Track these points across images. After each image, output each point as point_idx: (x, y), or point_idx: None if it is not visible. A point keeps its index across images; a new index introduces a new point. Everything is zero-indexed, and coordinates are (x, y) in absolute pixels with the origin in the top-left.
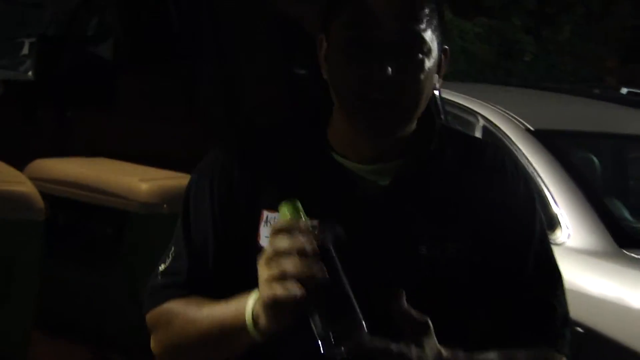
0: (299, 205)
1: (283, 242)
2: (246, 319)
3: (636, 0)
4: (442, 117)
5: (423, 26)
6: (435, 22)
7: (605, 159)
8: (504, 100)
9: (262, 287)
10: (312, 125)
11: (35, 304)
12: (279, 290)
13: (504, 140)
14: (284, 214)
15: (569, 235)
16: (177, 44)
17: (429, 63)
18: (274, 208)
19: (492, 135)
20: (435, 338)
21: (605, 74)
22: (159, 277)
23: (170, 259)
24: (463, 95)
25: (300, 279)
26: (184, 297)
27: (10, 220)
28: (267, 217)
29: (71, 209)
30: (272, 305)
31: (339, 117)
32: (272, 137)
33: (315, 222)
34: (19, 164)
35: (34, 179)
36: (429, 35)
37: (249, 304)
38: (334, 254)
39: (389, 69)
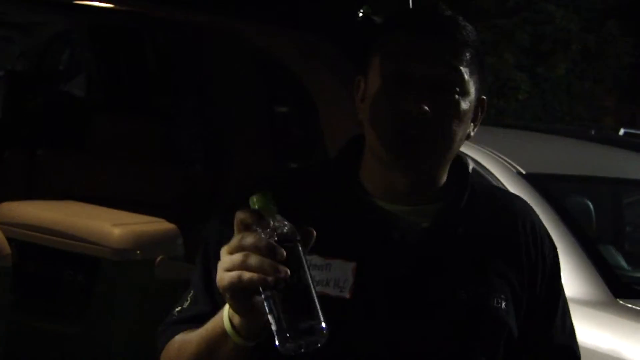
0: (270, 196)
1: (250, 237)
2: (224, 321)
3: (634, 38)
4: None
5: (463, 67)
6: (475, 67)
7: (600, 204)
8: (494, 142)
9: (218, 276)
10: (343, 168)
11: (1, 353)
12: (229, 277)
13: (494, 184)
14: (253, 203)
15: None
16: (153, 81)
17: (464, 105)
18: (311, 251)
19: (482, 179)
20: None
21: (602, 113)
22: (174, 316)
23: (188, 301)
24: None
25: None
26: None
27: None
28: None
29: (40, 254)
30: (230, 294)
31: (372, 158)
32: (304, 180)
33: (280, 220)
34: None
35: (0, 223)
36: (467, 78)
37: (226, 307)
38: (300, 251)
39: (424, 105)
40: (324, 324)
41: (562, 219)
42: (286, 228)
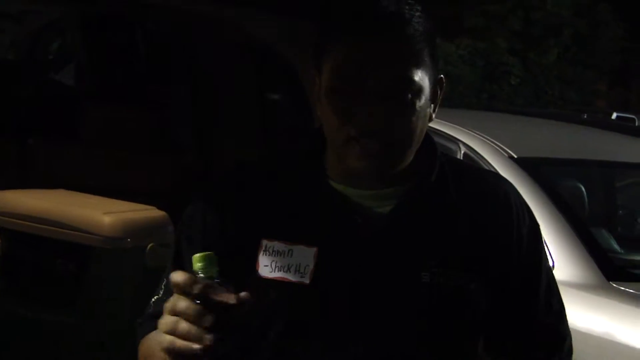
0: (210, 258)
1: (182, 303)
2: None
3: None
4: None
5: (410, 67)
6: (425, 57)
7: (592, 188)
8: (486, 127)
9: (158, 336)
10: (308, 154)
11: None
12: (166, 341)
13: (486, 168)
14: (195, 262)
15: (554, 267)
16: (144, 70)
17: (420, 102)
18: (273, 237)
19: (474, 163)
20: None
21: (594, 98)
22: (151, 308)
23: (163, 290)
24: (443, 122)
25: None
26: None
27: None
28: (265, 246)
29: (30, 243)
30: (168, 353)
31: (333, 152)
32: (269, 166)
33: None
34: None
35: None
36: (418, 75)
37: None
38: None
39: (376, 117)
40: None
41: (554, 202)
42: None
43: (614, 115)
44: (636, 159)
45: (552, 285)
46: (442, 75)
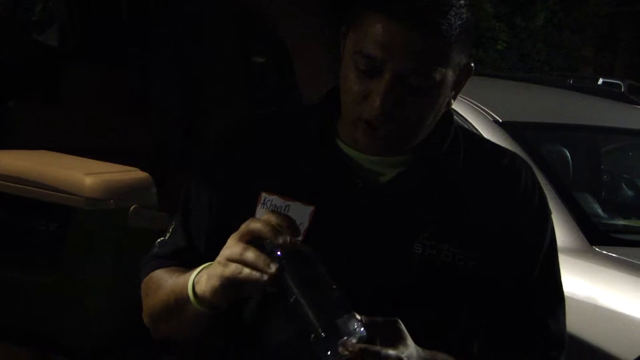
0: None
1: (261, 228)
2: (188, 287)
3: None
4: None
5: (434, 64)
6: (452, 52)
7: (577, 152)
8: (471, 91)
9: (219, 261)
10: (319, 113)
11: None
12: (230, 271)
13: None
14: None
15: None
16: (127, 30)
17: (437, 95)
18: (272, 190)
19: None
20: (409, 340)
21: (580, 63)
22: (155, 248)
23: (169, 233)
24: None
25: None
26: (170, 267)
27: None
28: (264, 199)
29: (10, 204)
30: (228, 282)
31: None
32: (279, 122)
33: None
34: None
35: None
36: (441, 72)
37: (196, 270)
38: (315, 260)
39: (389, 104)
40: (359, 321)
41: (538, 167)
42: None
43: (600, 81)
44: (621, 124)
45: (549, 275)
46: (472, 64)
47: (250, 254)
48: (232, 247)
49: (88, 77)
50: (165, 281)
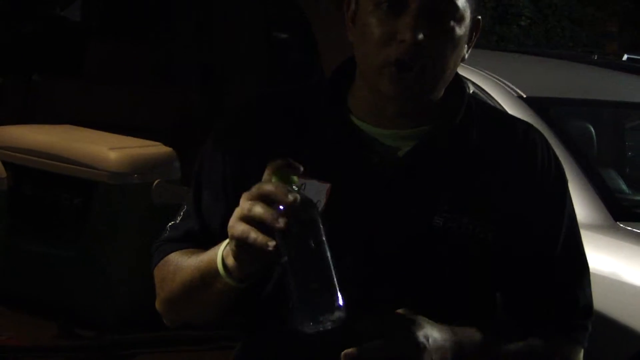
0: (296, 179)
1: (273, 190)
2: (217, 260)
3: None
4: None
5: None
6: None
7: (601, 128)
8: (495, 66)
9: (231, 221)
10: (331, 89)
11: None
12: (240, 230)
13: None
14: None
15: None
16: (150, 6)
17: (459, 31)
18: None
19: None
20: (429, 326)
21: (605, 39)
22: (167, 233)
23: (180, 217)
24: None
25: (270, 229)
26: (183, 250)
27: None
28: None
29: (36, 178)
30: (239, 244)
31: (362, 82)
32: (290, 99)
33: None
34: None
35: None
36: (462, 3)
37: (223, 243)
38: (320, 223)
39: (420, 34)
40: (340, 300)
41: (563, 143)
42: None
43: (625, 57)
44: None
45: (572, 244)
46: (479, 17)
47: (258, 209)
48: (241, 205)
49: (111, 53)
50: (184, 262)
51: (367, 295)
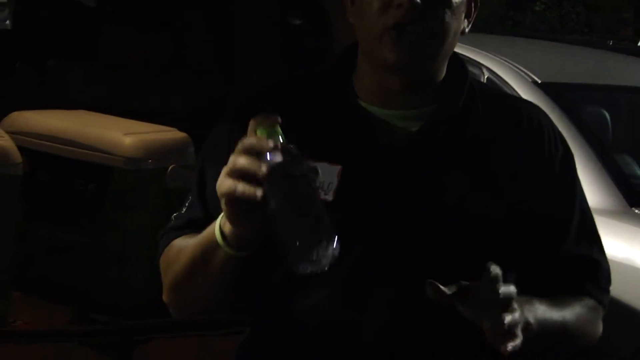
0: (278, 129)
1: (255, 142)
2: (215, 229)
3: None
4: None
5: None
6: None
7: (616, 114)
8: (510, 52)
9: (219, 180)
10: (337, 72)
11: (14, 262)
12: (226, 185)
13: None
14: (261, 132)
15: None
16: None
17: (458, 4)
18: None
19: (497, 88)
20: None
21: (619, 25)
22: (171, 221)
23: (185, 207)
24: (466, 46)
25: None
26: (186, 235)
27: None
28: None
29: (51, 163)
30: (226, 200)
31: (365, 62)
32: (296, 86)
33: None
34: None
35: (11, 132)
36: None
37: (221, 215)
38: (311, 179)
39: (415, 5)
40: (335, 239)
41: (577, 128)
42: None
43: None
44: None
45: (586, 215)
46: None
47: (242, 160)
48: (228, 163)
49: (126, 37)
50: (187, 244)
51: (380, 276)
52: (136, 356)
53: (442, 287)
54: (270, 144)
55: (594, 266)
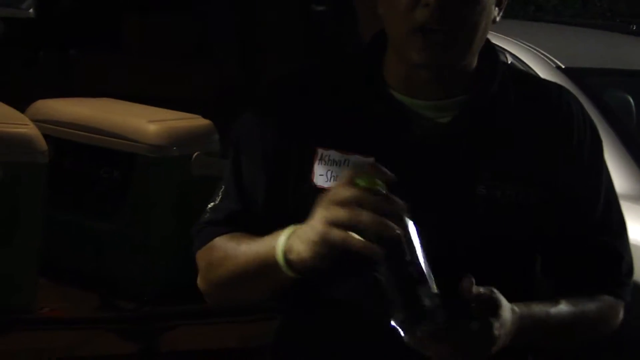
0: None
1: (361, 194)
2: (277, 251)
3: None
4: None
5: None
6: None
7: None
8: (533, 37)
9: (321, 229)
10: (366, 62)
11: (40, 249)
12: (337, 236)
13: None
14: (360, 182)
15: None
16: None
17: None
18: (328, 145)
19: None
20: (506, 310)
21: None
22: (207, 215)
23: (220, 197)
24: (490, 32)
25: (370, 233)
26: (229, 234)
27: (11, 163)
28: (321, 155)
29: (76, 151)
30: (325, 246)
31: (394, 52)
32: (323, 74)
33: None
34: (21, 106)
35: (36, 121)
36: None
37: (282, 237)
38: (413, 228)
39: (443, 5)
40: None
41: (601, 113)
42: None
43: None
44: None
45: (612, 204)
46: None
47: (365, 217)
48: (329, 210)
49: (149, 25)
50: (235, 250)
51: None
52: (161, 343)
53: (475, 287)
54: (394, 204)
55: (616, 259)
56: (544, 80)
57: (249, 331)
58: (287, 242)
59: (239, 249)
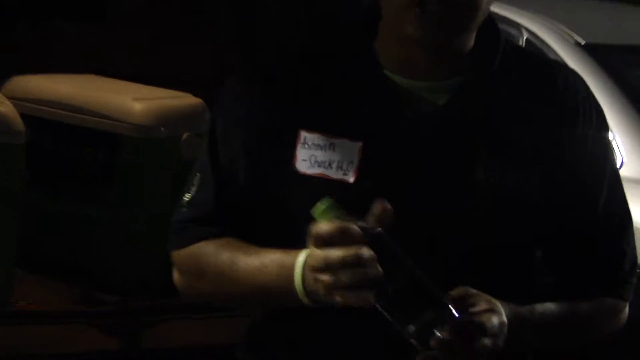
0: (334, 204)
1: (335, 252)
2: (296, 286)
3: None
4: None
5: None
6: None
7: None
8: (550, 11)
9: (320, 292)
10: (358, 40)
11: (17, 236)
12: (339, 298)
13: (550, 56)
14: (321, 215)
15: (622, 162)
16: None
17: None
18: (313, 128)
19: (537, 50)
20: (499, 311)
21: None
22: (185, 209)
23: (195, 187)
24: (504, 6)
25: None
26: (215, 239)
27: None
28: (304, 138)
29: (56, 131)
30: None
31: (387, 28)
32: (314, 51)
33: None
34: None
35: (12, 98)
36: None
37: (297, 271)
38: (392, 244)
39: None
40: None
41: (622, 92)
42: (368, 225)
43: None
44: None
45: (616, 194)
46: None
47: (346, 276)
48: (320, 278)
49: None
50: (231, 270)
51: (408, 253)
52: (146, 338)
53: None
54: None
55: (618, 256)
56: (551, 60)
57: (235, 326)
58: (303, 275)
59: (237, 270)
